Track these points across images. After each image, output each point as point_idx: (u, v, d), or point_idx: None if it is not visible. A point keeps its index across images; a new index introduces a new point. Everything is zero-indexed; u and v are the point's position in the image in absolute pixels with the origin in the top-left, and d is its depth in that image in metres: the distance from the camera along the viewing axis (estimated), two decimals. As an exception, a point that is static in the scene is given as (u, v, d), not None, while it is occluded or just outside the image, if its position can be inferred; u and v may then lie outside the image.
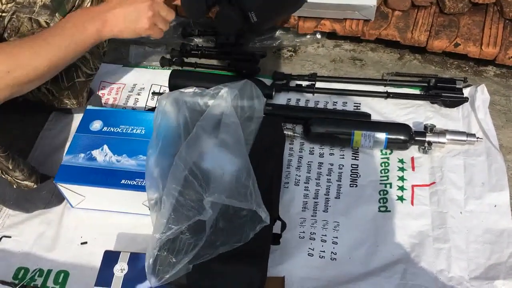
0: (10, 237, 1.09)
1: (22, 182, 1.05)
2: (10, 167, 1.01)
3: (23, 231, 1.10)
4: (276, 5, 0.84)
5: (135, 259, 0.97)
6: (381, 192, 1.13)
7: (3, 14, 0.99)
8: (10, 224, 1.11)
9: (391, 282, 0.98)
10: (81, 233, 1.09)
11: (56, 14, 1.03)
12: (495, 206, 1.08)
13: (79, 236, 1.09)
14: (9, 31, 1.00)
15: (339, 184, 1.16)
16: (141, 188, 1.01)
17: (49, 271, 1.04)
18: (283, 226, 1.02)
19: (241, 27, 0.85)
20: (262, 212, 0.89)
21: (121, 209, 1.10)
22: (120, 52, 1.52)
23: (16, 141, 1.23)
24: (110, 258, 0.97)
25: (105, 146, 1.09)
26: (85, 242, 1.08)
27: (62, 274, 1.03)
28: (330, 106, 1.33)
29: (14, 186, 1.05)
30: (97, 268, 0.97)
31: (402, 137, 1.17)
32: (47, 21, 1.03)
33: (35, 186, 1.07)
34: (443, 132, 1.18)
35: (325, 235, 1.07)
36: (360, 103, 1.33)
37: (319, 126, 1.22)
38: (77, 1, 1.04)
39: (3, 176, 1.03)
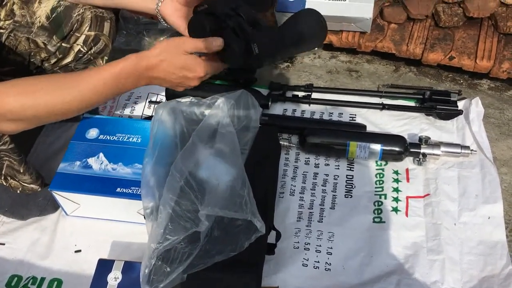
0: (4, 244, 1.09)
1: (29, 186, 1.05)
2: (21, 171, 1.02)
3: (17, 239, 1.10)
4: (280, 42, 0.86)
5: (129, 267, 0.96)
6: (376, 203, 1.14)
7: (1, 31, 0.98)
8: (5, 231, 1.11)
9: (385, 293, 0.98)
10: (75, 241, 1.09)
11: (54, 37, 1.03)
12: (488, 218, 1.09)
13: (73, 244, 1.09)
14: (6, 49, 1.00)
15: (334, 195, 1.16)
16: (136, 197, 1.01)
17: (43, 279, 1.03)
18: (278, 236, 1.02)
19: (244, 58, 0.87)
20: (257, 221, 0.90)
21: (115, 217, 1.10)
22: (117, 61, 1.53)
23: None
24: (104, 266, 0.97)
25: (101, 154, 1.09)
26: (79, 250, 1.08)
27: (56, 282, 1.03)
28: (325, 117, 1.34)
29: (18, 191, 1.05)
30: (90, 276, 0.96)
31: (397, 149, 1.18)
32: (45, 42, 1.02)
33: (39, 189, 1.07)
34: (437, 144, 1.19)
35: (320, 246, 1.07)
36: (355, 114, 1.33)
37: (314, 137, 1.22)
38: (75, 25, 1.03)
39: (6, 182, 1.03)
